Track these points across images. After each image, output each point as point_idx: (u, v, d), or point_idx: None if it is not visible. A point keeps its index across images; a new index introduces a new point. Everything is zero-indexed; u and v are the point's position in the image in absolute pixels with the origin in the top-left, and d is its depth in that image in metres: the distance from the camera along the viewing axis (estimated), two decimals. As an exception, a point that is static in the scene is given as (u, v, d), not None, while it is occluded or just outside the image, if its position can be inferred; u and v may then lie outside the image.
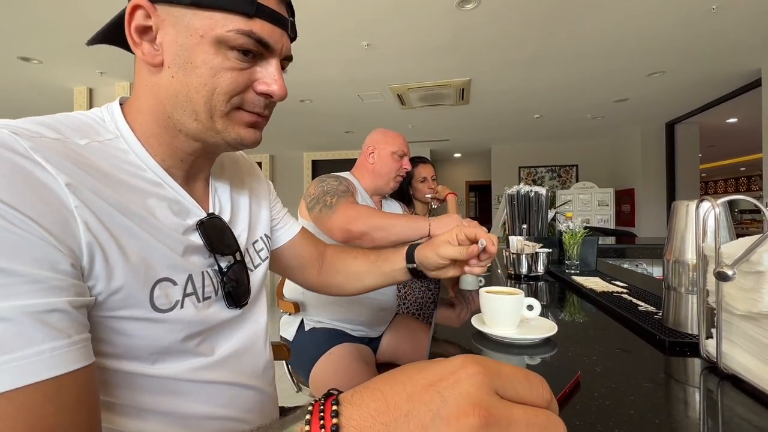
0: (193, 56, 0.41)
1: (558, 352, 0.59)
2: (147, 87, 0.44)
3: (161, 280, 0.40)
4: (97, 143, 0.40)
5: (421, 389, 0.21)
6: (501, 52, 2.84)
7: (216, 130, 0.44)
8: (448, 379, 0.21)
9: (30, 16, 2.26)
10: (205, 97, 0.42)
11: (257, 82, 0.45)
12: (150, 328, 0.39)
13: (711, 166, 8.85)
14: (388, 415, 0.21)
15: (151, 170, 0.44)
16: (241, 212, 0.57)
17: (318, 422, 0.22)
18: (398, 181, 1.36)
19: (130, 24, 0.41)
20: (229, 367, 0.49)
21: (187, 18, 0.41)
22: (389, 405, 0.22)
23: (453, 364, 0.22)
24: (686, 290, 0.61)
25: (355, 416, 0.22)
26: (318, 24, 2.39)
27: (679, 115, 4.54)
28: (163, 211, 0.43)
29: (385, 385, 0.23)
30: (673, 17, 2.34)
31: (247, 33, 0.41)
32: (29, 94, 3.63)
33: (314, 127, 5.06)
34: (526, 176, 6.34)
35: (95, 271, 0.35)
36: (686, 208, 0.61)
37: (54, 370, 0.29)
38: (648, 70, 3.18)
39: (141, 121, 0.44)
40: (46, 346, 0.29)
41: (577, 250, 1.24)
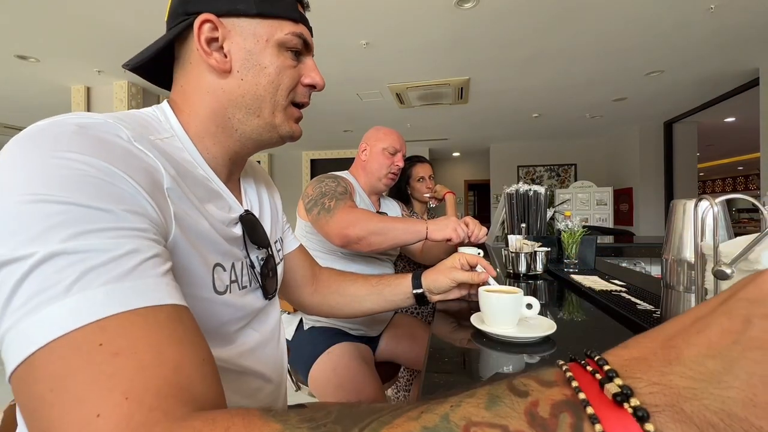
0: (261, 59, 0.48)
1: (557, 350, 0.59)
2: (209, 93, 0.48)
3: (217, 265, 0.44)
4: (160, 140, 0.43)
5: (708, 309, 0.18)
6: (500, 51, 2.84)
7: (274, 125, 0.51)
8: (747, 287, 0.18)
9: (27, 14, 2.25)
10: (272, 93, 0.49)
11: (303, 77, 0.53)
12: (208, 308, 0.42)
13: (709, 165, 8.88)
14: (668, 333, 0.18)
15: (200, 167, 0.48)
16: (265, 212, 0.62)
17: (580, 366, 0.20)
18: (391, 178, 1.35)
19: (200, 37, 0.46)
20: (257, 357, 0.52)
21: (252, 27, 0.47)
22: (661, 332, 0.19)
23: (742, 283, 0.19)
24: (685, 289, 0.61)
25: (621, 355, 0.19)
26: (317, 23, 2.38)
27: (678, 115, 4.55)
28: (212, 204, 0.47)
29: (644, 335, 0.20)
30: (672, 17, 2.34)
31: (298, 35, 0.50)
32: (27, 93, 3.61)
33: (313, 126, 5.05)
34: (524, 175, 6.35)
35: (175, 246, 0.38)
36: (684, 206, 0.61)
37: (175, 299, 0.31)
38: (646, 69, 3.18)
39: (197, 123, 0.49)
40: (169, 280, 0.32)
41: (575, 249, 1.25)
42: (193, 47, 0.47)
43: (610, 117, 4.69)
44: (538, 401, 0.19)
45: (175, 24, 0.48)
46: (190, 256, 0.40)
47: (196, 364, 0.29)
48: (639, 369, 0.18)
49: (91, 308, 0.26)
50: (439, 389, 0.47)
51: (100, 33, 2.48)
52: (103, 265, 0.28)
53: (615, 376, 0.18)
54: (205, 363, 0.31)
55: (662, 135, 4.88)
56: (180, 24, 0.47)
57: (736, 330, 0.16)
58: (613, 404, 0.17)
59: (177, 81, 0.50)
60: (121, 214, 0.31)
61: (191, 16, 0.46)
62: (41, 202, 0.28)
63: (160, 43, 0.48)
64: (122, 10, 2.22)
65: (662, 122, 4.84)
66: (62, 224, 0.28)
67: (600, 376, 0.18)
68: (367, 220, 1.04)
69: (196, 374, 0.29)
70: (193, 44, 0.47)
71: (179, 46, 0.50)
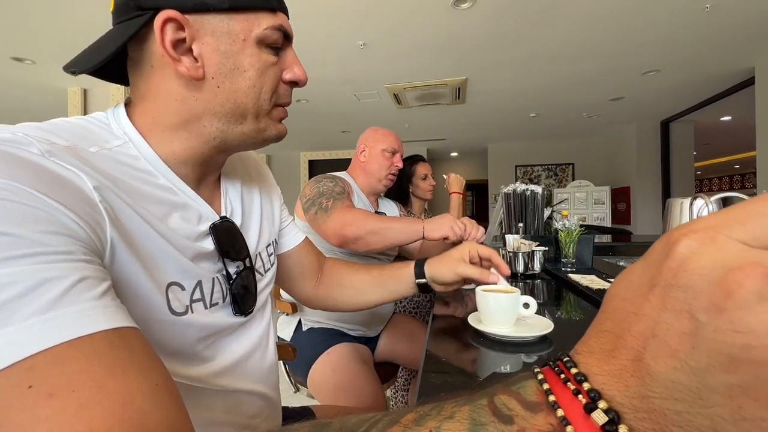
0: (240, 61, 0.41)
1: (554, 350, 0.59)
2: (178, 101, 0.41)
3: (172, 284, 0.39)
4: (106, 150, 0.38)
5: (643, 299, 0.16)
6: (497, 52, 2.84)
7: (259, 130, 0.45)
8: (670, 266, 0.16)
9: (22, 17, 2.24)
10: (254, 98, 0.43)
11: (284, 72, 0.46)
12: (167, 329, 0.38)
13: (706, 164, 8.91)
14: (633, 345, 0.16)
15: (162, 175, 0.42)
16: (253, 214, 0.55)
17: (559, 380, 0.19)
18: (390, 179, 1.35)
19: (163, 40, 0.39)
20: (235, 374, 0.47)
21: (225, 24, 0.40)
22: (624, 336, 0.17)
23: (661, 249, 0.17)
24: (681, 287, 0.61)
25: (594, 364, 0.18)
26: (314, 24, 2.39)
27: (674, 114, 4.57)
28: (174, 218, 0.42)
29: (602, 322, 0.19)
30: (667, 16, 2.35)
31: (278, 27, 0.43)
32: (23, 95, 3.60)
33: (311, 127, 5.04)
34: (522, 175, 6.36)
35: (118, 263, 0.34)
36: (680, 205, 0.61)
37: (117, 322, 0.28)
38: (643, 68, 3.19)
39: (160, 130, 0.42)
40: (107, 301, 0.28)
41: (573, 248, 1.25)
42: (153, 49, 0.40)
43: (607, 116, 4.71)
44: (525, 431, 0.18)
45: (125, 19, 0.40)
46: (137, 275, 0.35)
47: (147, 392, 0.26)
48: (618, 390, 0.17)
49: (13, 347, 0.23)
50: (436, 390, 0.47)
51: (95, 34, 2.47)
52: (21, 296, 0.24)
53: (598, 398, 0.17)
54: (159, 389, 0.27)
55: (659, 134, 4.89)
56: (133, 20, 0.39)
57: (688, 331, 0.14)
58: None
59: (135, 84, 0.43)
60: (36, 237, 0.26)
61: (147, 12, 0.39)
62: None
63: (112, 46, 0.39)
64: (118, 11, 2.21)
65: (659, 121, 4.86)
66: None
67: (583, 399, 0.17)
68: (365, 219, 1.03)
69: (149, 403, 0.26)
70: (152, 45, 0.40)
71: (134, 45, 0.42)
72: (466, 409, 0.20)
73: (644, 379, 0.16)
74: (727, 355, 0.13)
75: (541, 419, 0.18)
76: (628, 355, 0.17)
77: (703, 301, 0.14)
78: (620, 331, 0.17)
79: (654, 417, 0.15)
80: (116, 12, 0.41)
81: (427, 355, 0.59)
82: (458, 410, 0.20)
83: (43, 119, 0.37)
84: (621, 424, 0.16)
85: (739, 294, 0.13)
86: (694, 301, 0.14)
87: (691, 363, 0.14)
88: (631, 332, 0.17)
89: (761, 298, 0.13)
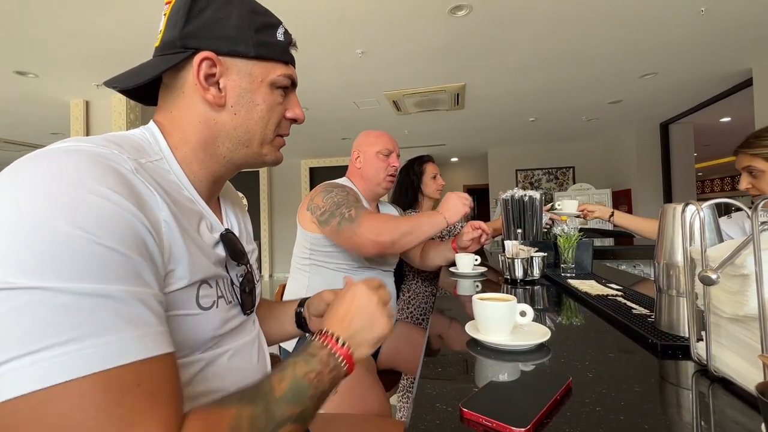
0: (255, 97, 0.52)
1: (551, 357, 0.59)
2: (201, 123, 0.51)
3: (203, 282, 0.46)
4: (150, 163, 0.45)
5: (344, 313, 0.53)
6: (494, 57, 2.86)
7: (261, 155, 0.55)
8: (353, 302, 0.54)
9: (25, 31, 2.28)
10: (262, 127, 0.53)
11: (287, 111, 0.57)
12: (192, 323, 0.44)
13: (707, 165, 8.89)
14: (349, 326, 0.52)
15: (186, 189, 0.50)
16: (242, 231, 0.63)
17: (325, 335, 0.50)
18: (389, 181, 1.34)
19: (199, 72, 0.48)
20: (239, 359, 0.53)
21: (248, 67, 0.51)
22: (342, 320, 0.52)
23: (350, 299, 0.55)
24: (677, 293, 0.61)
25: (338, 330, 0.51)
26: (313, 33, 2.41)
27: (673, 116, 4.57)
28: (198, 224, 0.49)
29: (335, 317, 0.53)
30: (663, 19, 2.37)
31: (288, 76, 0.54)
32: (26, 108, 3.64)
33: (311, 135, 5.08)
34: (523, 179, 6.36)
35: (169, 271, 0.40)
36: (673, 211, 0.61)
37: (150, 350, 0.33)
38: (640, 71, 3.21)
39: (186, 148, 0.51)
40: (150, 329, 0.34)
41: (572, 254, 1.25)
42: (187, 78, 0.49)
43: (606, 119, 4.72)
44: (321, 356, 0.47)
45: (169, 53, 0.50)
46: (187, 274, 0.42)
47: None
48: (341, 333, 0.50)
49: (126, 352, 0.31)
50: (432, 399, 0.47)
51: (97, 47, 2.51)
52: (117, 313, 0.32)
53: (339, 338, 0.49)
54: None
55: (659, 136, 4.90)
56: (176, 55, 0.49)
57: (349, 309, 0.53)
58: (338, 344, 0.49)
59: (166, 106, 0.52)
60: (131, 261, 0.34)
61: (189, 50, 0.48)
62: (96, 244, 0.32)
63: (154, 71, 0.49)
64: (119, 24, 2.25)
65: (658, 123, 4.86)
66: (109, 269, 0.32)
67: (334, 337, 0.50)
68: (395, 223, 1.07)
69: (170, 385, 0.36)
70: (187, 75, 0.49)
71: (171, 74, 0.51)
72: (300, 357, 0.47)
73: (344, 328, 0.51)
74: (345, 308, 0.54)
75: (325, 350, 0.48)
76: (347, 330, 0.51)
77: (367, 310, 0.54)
78: (342, 323, 0.52)
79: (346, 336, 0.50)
80: (161, 47, 0.51)
81: (424, 364, 0.59)
82: (296, 359, 0.46)
83: (47, 131, 0.40)
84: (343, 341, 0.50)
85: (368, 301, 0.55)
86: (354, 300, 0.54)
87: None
88: (344, 321, 0.53)
89: None
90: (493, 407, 0.42)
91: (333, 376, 0.47)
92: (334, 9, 2.16)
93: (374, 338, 0.53)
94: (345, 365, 0.49)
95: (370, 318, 0.53)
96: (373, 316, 0.53)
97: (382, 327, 0.54)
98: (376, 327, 0.53)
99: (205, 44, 0.49)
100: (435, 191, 2.01)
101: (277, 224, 7.19)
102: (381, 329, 0.54)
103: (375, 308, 0.54)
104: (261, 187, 7.10)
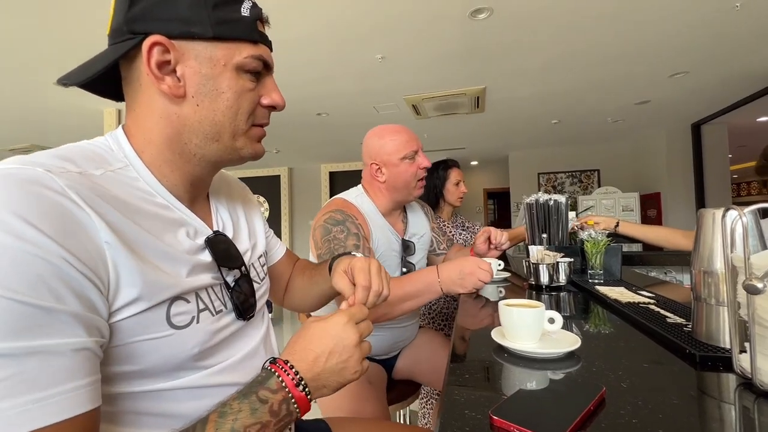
0: (219, 83, 0.45)
1: (582, 366, 0.57)
2: (162, 118, 0.45)
3: (175, 299, 0.41)
4: (110, 172, 0.41)
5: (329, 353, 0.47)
6: (515, 60, 2.82)
7: (235, 148, 0.49)
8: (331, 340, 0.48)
9: (65, 45, 2.41)
10: (231, 118, 0.46)
11: (262, 97, 0.50)
12: (168, 345, 0.40)
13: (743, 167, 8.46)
14: (316, 365, 0.46)
15: (160, 195, 0.46)
16: (242, 229, 0.59)
17: (286, 375, 0.44)
18: (422, 186, 1.18)
19: (150, 61, 0.42)
20: (237, 371, 0.50)
21: (208, 50, 0.44)
22: (317, 357, 0.47)
23: (329, 336, 0.48)
24: (716, 302, 0.59)
25: (303, 367, 0.46)
26: (333, 40, 2.45)
27: (706, 116, 4.38)
28: (172, 234, 0.44)
29: (308, 349, 0.47)
30: (694, 16, 2.28)
31: (257, 57, 0.47)
32: (63, 117, 3.83)
33: (331, 140, 5.13)
34: (545, 182, 6.22)
35: (119, 300, 0.37)
36: (713, 216, 0.59)
37: (81, 407, 0.32)
38: (670, 71, 3.09)
39: (152, 150, 0.46)
40: (81, 382, 0.32)
41: (600, 259, 1.21)
42: (141, 69, 0.44)
43: (633, 121, 4.56)
44: (273, 403, 0.43)
45: (117, 41, 0.44)
46: (145, 298, 0.38)
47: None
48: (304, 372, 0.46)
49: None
50: (460, 406, 0.47)
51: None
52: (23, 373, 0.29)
53: (302, 380, 0.45)
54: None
55: (690, 137, 4.70)
56: (124, 42, 0.43)
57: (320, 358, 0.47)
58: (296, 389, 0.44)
59: (129, 104, 0.47)
60: (55, 308, 0.31)
61: (137, 36, 0.42)
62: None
63: (102, 63, 0.43)
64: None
65: (689, 124, 4.67)
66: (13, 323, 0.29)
67: (294, 380, 0.45)
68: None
69: None
70: (141, 65, 0.43)
71: (126, 65, 0.45)
72: (246, 403, 0.42)
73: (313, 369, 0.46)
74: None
75: (280, 395, 0.43)
76: (314, 367, 0.46)
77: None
78: (312, 358, 0.47)
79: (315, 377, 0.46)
80: (111, 35, 0.45)
81: (451, 370, 0.58)
82: (242, 405, 0.41)
83: (81, 138, 0.41)
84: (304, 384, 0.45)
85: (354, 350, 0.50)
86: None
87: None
88: (317, 361, 0.47)
89: None
90: (523, 415, 0.41)
91: (280, 427, 0.43)
92: (355, 16, 2.19)
93: (339, 384, 0.48)
94: (297, 411, 0.44)
95: (345, 361, 0.47)
96: (348, 360, 0.47)
97: (352, 373, 0.48)
98: (347, 372, 0.47)
99: (154, 27, 0.42)
100: (456, 199, 1.98)
101: (298, 229, 7.29)
102: (350, 375, 0.48)
103: (352, 350, 0.47)
104: (282, 192, 7.22)
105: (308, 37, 2.33)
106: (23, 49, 2.42)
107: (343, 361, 0.47)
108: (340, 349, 0.47)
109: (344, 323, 0.48)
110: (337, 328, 0.48)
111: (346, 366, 0.47)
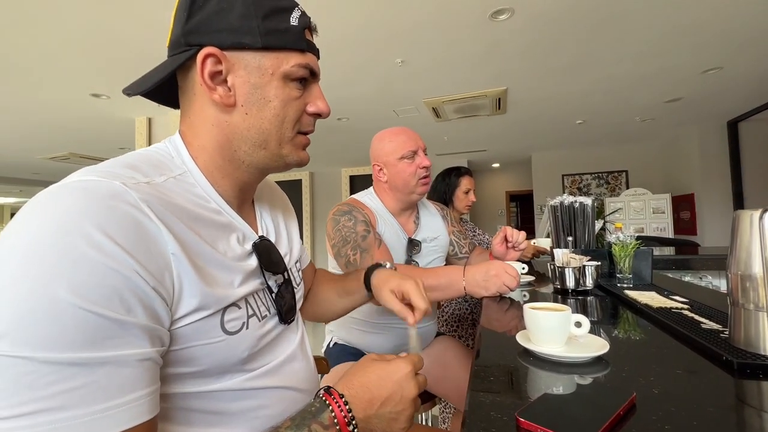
0: (266, 92, 0.47)
1: (611, 371, 0.56)
2: (214, 126, 0.47)
3: (229, 306, 0.43)
4: (172, 179, 0.44)
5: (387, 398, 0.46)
6: (537, 61, 2.78)
7: (281, 156, 0.50)
8: (395, 388, 0.47)
9: (100, 58, 2.54)
10: (277, 126, 0.48)
11: (308, 105, 0.51)
12: (221, 350, 0.42)
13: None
14: (370, 407, 0.45)
15: (213, 200, 0.47)
16: (282, 235, 0.61)
17: (339, 411, 0.42)
18: (424, 184, 1.18)
19: (203, 71, 0.44)
20: (281, 374, 0.51)
21: (257, 60, 0.46)
22: (373, 399, 0.45)
23: (394, 383, 0.47)
24: (755, 307, 0.56)
25: (357, 406, 0.44)
26: (353, 45, 2.48)
27: (743, 113, 4.17)
28: (225, 240, 0.46)
29: (366, 388, 0.46)
30: (727, 9, 2.18)
31: (304, 65, 0.48)
32: (99, 125, 4.04)
33: (351, 144, 5.19)
34: (570, 184, 6.07)
35: (180, 310, 0.39)
36: (750, 218, 0.56)
37: (141, 416, 0.33)
38: (702, 66, 2.96)
39: (205, 156, 0.48)
40: (144, 391, 0.34)
41: (628, 263, 1.18)
42: (195, 79, 0.46)
43: (664, 119, 4.39)
44: None
45: (175, 53, 0.46)
46: (205, 305, 0.40)
47: None
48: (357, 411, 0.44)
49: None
50: (485, 409, 0.46)
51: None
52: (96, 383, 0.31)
53: (353, 419, 0.43)
54: None
55: (726, 136, 4.48)
56: (180, 54, 0.45)
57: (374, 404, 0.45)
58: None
59: (185, 111, 0.49)
60: (127, 321, 0.33)
61: (193, 48, 0.45)
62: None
63: (161, 74, 0.46)
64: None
65: (725, 122, 4.45)
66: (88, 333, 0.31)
67: (346, 418, 0.43)
68: None
69: None
70: (195, 76, 0.46)
71: (182, 75, 0.48)
72: None
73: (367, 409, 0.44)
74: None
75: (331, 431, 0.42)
76: (371, 408, 0.45)
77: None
78: (374, 394, 0.46)
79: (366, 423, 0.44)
80: (170, 47, 0.48)
81: (475, 373, 0.58)
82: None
83: (114, 145, 0.44)
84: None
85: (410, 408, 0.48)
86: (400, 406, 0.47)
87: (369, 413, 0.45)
88: (373, 401, 0.45)
89: None
90: (550, 418, 0.40)
91: None
92: (375, 20, 2.21)
93: (387, 431, 0.46)
94: None
95: (398, 413, 0.46)
96: (402, 412, 0.46)
97: (401, 427, 0.46)
98: (396, 424, 0.46)
99: (207, 39, 0.44)
100: (464, 206, 1.96)
101: (319, 232, 7.38)
102: (398, 428, 0.46)
103: (408, 404, 0.46)
104: (303, 196, 7.34)
105: (329, 44, 2.37)
106: (64, 61, 2.57)
107: (396, 411, 0.45)
108: (398, 398, 0.46)
109: (407, 373, 0.47)
110: (400, 376, 0.47)
111: (397, 418, 0.46)
